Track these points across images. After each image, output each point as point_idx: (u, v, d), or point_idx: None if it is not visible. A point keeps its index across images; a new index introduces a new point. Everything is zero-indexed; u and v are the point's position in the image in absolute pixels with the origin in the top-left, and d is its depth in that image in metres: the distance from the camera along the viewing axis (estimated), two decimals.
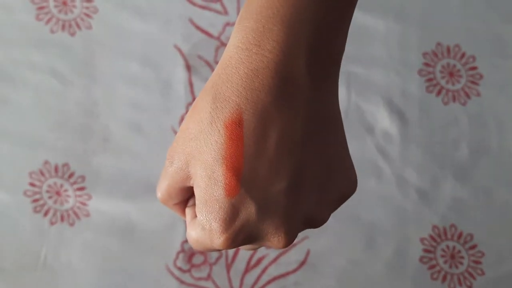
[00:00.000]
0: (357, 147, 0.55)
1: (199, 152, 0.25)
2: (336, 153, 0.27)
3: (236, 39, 0.25)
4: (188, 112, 0.26)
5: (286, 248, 0.52)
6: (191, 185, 0.26)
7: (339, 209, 0.28)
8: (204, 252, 0.52)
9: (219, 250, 0.27)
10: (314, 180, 0.26)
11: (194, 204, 0.29)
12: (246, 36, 0.25)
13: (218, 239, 0.25)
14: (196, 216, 0.28)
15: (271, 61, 0.24)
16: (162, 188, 0.27)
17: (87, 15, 0.55)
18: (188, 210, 0.29)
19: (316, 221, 0.27)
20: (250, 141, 0.24)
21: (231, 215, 0.24)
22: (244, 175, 0.24)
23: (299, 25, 0.24)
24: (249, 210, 0.24)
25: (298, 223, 0.26)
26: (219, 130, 0.24)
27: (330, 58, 0.26)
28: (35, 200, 0.52)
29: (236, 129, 0.24)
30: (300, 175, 0.25)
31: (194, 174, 0.25)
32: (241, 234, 0.25)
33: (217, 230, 0.25)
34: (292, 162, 0.25)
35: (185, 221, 0.53)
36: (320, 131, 0.26)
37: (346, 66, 0.56)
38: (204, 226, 0.25)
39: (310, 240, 0.54)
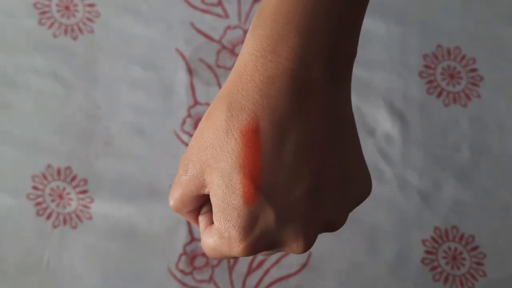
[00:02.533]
0: None
1: (216, 160, 0.25)
2: (352, 156, 0.27)
3: (250, 47, 0.25)
4: (202, 121, 0.26)
5: None
6: (206, 193, 0.26)
7: None
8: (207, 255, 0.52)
9: (236, 258, 0.27)
10: (333, 185, 0.26)
11: (207, 211, 0.29)
12: (261, 43, 0.25)
13: (237, 247, 0.25)
14: (210, 223, 0.28)
15: (287, 68, 0.24)
16: (176, 196, 0.27)
17: (89, 19, 0.55)
18: (201, 218, 0.29)
19: (335, 225, 0.27)
20: (268, 148, 0.24)
21: (250, 223, 0.24)
22: (262, 182, 0.24)
23: (314, 30, 0.24)
24: (268, 217, 0.24)
25: (317, 228, 0.26)
26: (236, 138, 0.24)
27: (344, 61, 0.26)
28: (38, 203, 0.52)
29: (252, 136, 0.24)
30: (318, 181, 0.25)
31: (210, 182, 0.25)
32: (261, 242, 0.25)
33: (236, 238, 0.25)
34: (311, 168, 0.25)
35: (188, 223, 0.53)
36: (336, 135, 0.26)
37: None
38: (222, 234, 0.25)
39: None
